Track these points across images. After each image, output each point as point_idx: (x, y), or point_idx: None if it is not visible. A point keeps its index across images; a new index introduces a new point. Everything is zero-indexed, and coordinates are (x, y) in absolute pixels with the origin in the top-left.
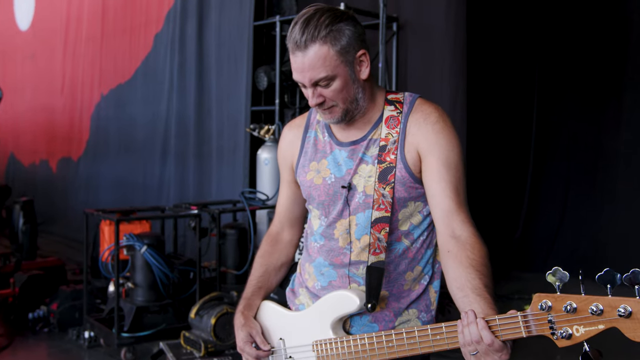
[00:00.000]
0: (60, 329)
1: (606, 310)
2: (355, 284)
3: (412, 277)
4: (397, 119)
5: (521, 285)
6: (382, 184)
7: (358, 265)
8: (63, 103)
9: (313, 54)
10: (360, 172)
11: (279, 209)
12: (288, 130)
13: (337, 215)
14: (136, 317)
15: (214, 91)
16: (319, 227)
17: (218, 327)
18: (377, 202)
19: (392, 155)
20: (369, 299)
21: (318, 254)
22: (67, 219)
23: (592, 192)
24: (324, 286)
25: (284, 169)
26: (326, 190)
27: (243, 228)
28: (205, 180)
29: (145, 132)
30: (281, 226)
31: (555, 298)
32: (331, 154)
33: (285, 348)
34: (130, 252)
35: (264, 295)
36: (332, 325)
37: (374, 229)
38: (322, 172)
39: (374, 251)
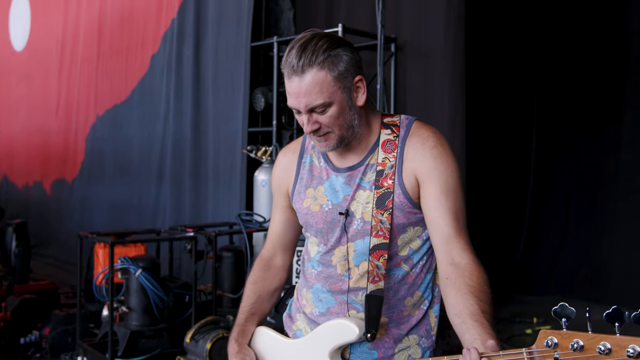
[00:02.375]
0: (53, 354)
1: (614, 349)
2: (354, 310)
3: (411, 302)
4: (394, 143)
5: (522, 308)
6: (380, 210)
7: (357, 292)
8: (58, 124)
9: (310, 79)
10: (358, 198)
11: (272, 234)
12: (282, 156)
13: (335, 242)
14: (130, 342)
15: (210, 112)
16: (317, 254)
17: (214, 352)
18: (375, 229)
19: (390, 181)
20: (369, 329)
21: (316, 280)
22: (61, 241)
23: (592, 213)
24: (322, 312)
25: (279, 195)
26: (323, 217)
27: (240, 251)
28: (202, 202)
29: (140, 153)
30: (274, 251)
31: (562, 335)
32: (327, 180)
33: None
34: (125, 275)
35: (258, 322)
36: (330, 354)
37: (373, 256)
38: (319, 199)
39: (373, 279)
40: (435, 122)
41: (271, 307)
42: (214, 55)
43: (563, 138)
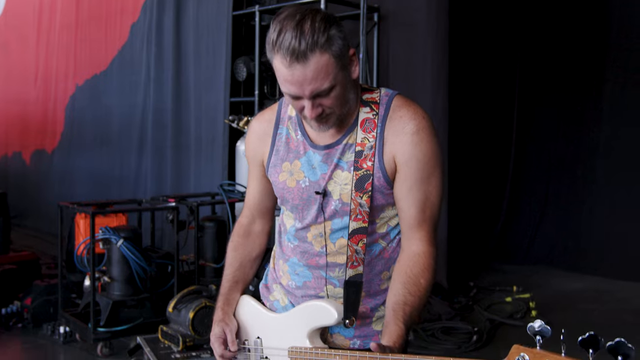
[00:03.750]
0: (35, 324)
1: None
2: (331, 285)
3: (387, 276)
4: (373, 122)
5: (502, 277)
6: (359, 193)
7: (334, 268)
8: (36, 94)
9: (315, 65)
10: (336, 178)
11: (249, 202)
12: (257, 125)
13: (312, 220)
14: (113, 312)
15: (191, 82)
16: (292, 228)
17: (196, 321)
18: (355, 212)
19: (369, 162)
20: (347, 314)
21: (292, 253)
22: (41, 212)
23: (572, 185)
24: (298, 286)
25: (254, 165)
26: (300, 194)
27: (222, 221)
28: (183, 173)
29: (121, 124)
30: (252, 217)
31: (534, 353)
32: (305, 155)
33: (262, 348)
34: (106, 245)
35: (242, 289)
36: (309, 334)
37: (352, 241)
38: (296, 174)
39: (352, 264)
40: (417, 93)
41: (254, 273)
42: (195, 25)
43: (544, 111)
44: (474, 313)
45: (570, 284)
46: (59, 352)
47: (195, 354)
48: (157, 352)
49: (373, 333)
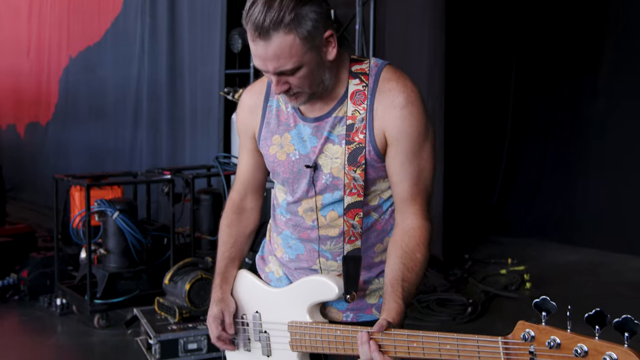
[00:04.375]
0: (31, 296)
1: (591, 353)
2: (323, 258)
3: (381, 248)
4: (363, 94)
5: (497, 249)
6: (353, 167)
7: (325, 241)
8: (29, 66)
9: (277, 44)
10: (327, 151)
11: (241, 177)
12: (247, 98)
13: (303, 194)
14: (109, 284)
15: (186, 54)
16: (283, 201)
17: (192, 293)
18: (349, 187)
19: (361, 135)
20: (348, 290)
21: (285, 226)
22: (37, 185)
23: (568, 158)
24: (292, 258)
25: (245, 138)
26: (290, 167)
27: (217, 193)
28: (179, 145)
29: (116, 96)
30: (244, 193)
31: (540, 330)
32: (295, 127)
33: (261, 322)
34: (102, 218)
35: (238, 265)
36: (308, 309)
37: (348, 216)
38: (286, 147)
39: (349, 239)
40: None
41: (249, 248)
42: None
43: (541, 84)
44: (469, 285)
45: (565, 256)
46: (56, 323)
47: (192, 325)
48: (154, 324)
49: (366, 306)
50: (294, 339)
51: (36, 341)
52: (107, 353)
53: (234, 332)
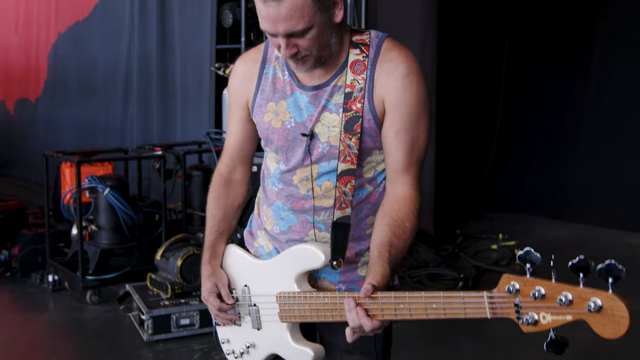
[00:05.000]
0: (23, 273)
1: (576, 301)
2: (317, 229)
3: (373, 220)
4: (363, 64)
5: (488, 224)
6: (348, 134)
7: (320, 212)
8: (18, 41)
9: (289, 3)
10: (323, 120)
11: (230, 148)
12: (242, 65)
13: (298, 163)
14: (101, 260)
15: (176, 29)
16: (276, 171)
17: (184, 269)
18: (343, 154)
19: (359, 104)
20: (334, 256)
21: (277, 197)
22: (27, 162)
23: (560, 134)
24: (283, 230)
25: (237, 106)
26: (285, 135)
27: (209, 169)
28: (170, 121)
29: (106, 72)
30: (233, 165)
31: (524, 282)
32: (292, 95)
33: (250, 295)
34: (93, 194)
35: (227, 239)
36: (296, 278)
37: (340, 182)
38: (281, 114)
39: (340, 205)
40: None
41: (237, 222)
42: None
43: (534, 61)
44: (460, 260)
45: (555, 231)
46: (48, 300)
47: (184, 301)
48: (146, 300)
49: (358, 278)
50: (283, 310)
51: (28, 318)
52: (100, 329)
53: (232, 301)
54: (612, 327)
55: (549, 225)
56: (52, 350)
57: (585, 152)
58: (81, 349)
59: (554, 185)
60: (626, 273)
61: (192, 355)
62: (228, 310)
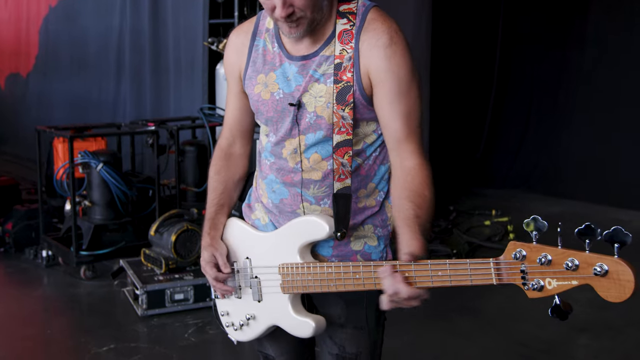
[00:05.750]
0: (17, 248)
1: (582, 266)
2: (307, 203)
3: (364, 194)
4: (350, 33)
5: (482, 201)
6: (341, 105)
7: (308, 185)
8: (8, 15)
9: None
10: (311, 90)
11: (229, 121)
12: (235, 37)
13: (286, 134)
14: (95, 236)
15: (169, 3)
16: (267, 144)
17: (178, 244)
18: (338, 125)
19: (349, 74)
20: (338, 227)
21: (269, 171)
22: (19, 137)
23: (554, 110)
24: (275, 203)
25: (232, 79)
26: (274, 106)
27: (202, 145)
28: (163, 97)
29: (98, 46)
30: (232, 139)
31: (531, 248)
32: (280, 67)
33: (252, 267)
34: (86, 170)
35: (227, 213)
36: (299, 249)
37: (337, 154)
38: (270, 86)
39: (339, 177)
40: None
41: (238, 195)
42: None
43: (528, 33)
44: (453, 236)
45: (548, 207)
46: (42, 275)
47: (178, 276)
48: (140, 275)
49: (351, 252)
50: (285, 281)
51: (22, 293)
52: (94, 304)
53: (229, 271)
54: (617, 290)
55: (542, 201)
56: (46, 325)
57: (578, 128)
58: (76, 324)
59: (547, 161)
60: (632, 239)
61: (186, 330)
62: (224, 280)
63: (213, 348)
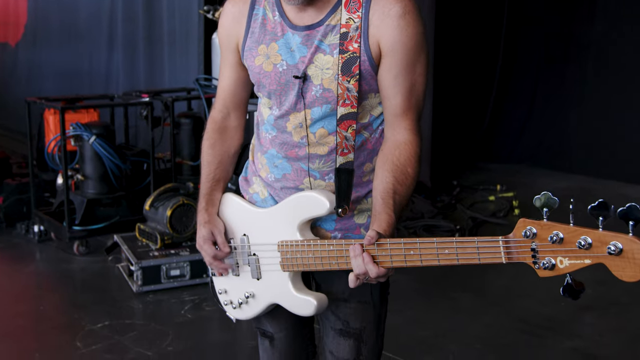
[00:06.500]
0: (8, 223)
1: (595, 245)
2: (311, 177)
3: (370, 168)
4: (357, 2)
5: (486, 175)
6: (346, 77)
7: (314, 160)
8: None
9: None
10: (317, 62)
11: (223, 93)
12: (231, 6)
13: (290, 107)
14: (88, 210)
15: None
16: (269, 117)
17: (174, 219)
18: (342, 97)
19: (355, 44)
20: (340, 203)
21: (270, 145)
22: (9, 109)
23: (562, 84)
24: (277, 178)
25: (227, 50)
26: (277, 78)
27: (198, 117)
28: (157, 67)
29: (89, 15)
30: (226, 111)
31: (542, 226)
32: (283, 37)
33: (250, 244)
34: (78, 142)
35: (223, 188)
36: (299, 226)
37: (341, 127)
38: (272, 57)
39: (342, 151)
40: None
41: (233, 170)
42: None
43: (535, 7)
44: (457, 212)
45: (555, 182)
46: (34, 250)
47: (174, 251)
48: (135, 250)
49: (354, 226)
50: (285, 259)
51: (14, 269)
52: (88, 280)
53: (228, 249)
54: (632, 269)
55: (548, 176)
56: (39, 302)
57: (586, 102)
58: (69, 301)
59: (554, 135)
60: None
61: (182, 307)
62: (223, 258)
63: (210, 325)
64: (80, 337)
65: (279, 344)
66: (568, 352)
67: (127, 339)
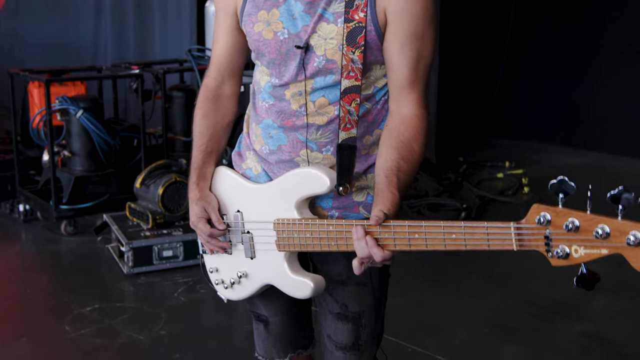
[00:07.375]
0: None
1: (613, 234)
2: (308, 149)
3: (370, 140)
4: None
5: (495, 152)
6: (351, 47)
7: (312, 130)
8: None
9: None
10: (320, 31)
11: (217, 60)
12: None
13: (291, 77)
14: (75, 188)
15: None
16: (267, 85)
17: (166, 197)
18: (347, 69)
19: (362, 13)
20: (340, 181)
21: (267, 114)
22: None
23: (575, 56)
24: (272, 150)
25: (224, 14)
26: (277, 47)
27: (191, 90)
28: (148, 37)
29: None
30: (221, 78)
31: (557, 212)
32: (285, 3)
33: (243, 222)
34: (65, 117)
35: (216, 160)
36: (297, 204)
37: (344, 101)
38: (273, 24)
39: (345, 126)
40: None
41: (227, 142)
42: None
43: None
44: (463, 189)
45: (567, 159)
46: (19, 231)
47: (166, 231)
48: (125, 230)
49: (353, 204)
50: (281, 238)
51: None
52: (76, 261)
53: (224, 227)
54: None
55: (561, 152)
56: (26, 284)
57: (600, 75)
58: (57, 283)
59: (566, 110)
60: None
61: (176, 289)
62: (219, 236)
63: (204, 308)
64: (68, 321)
65: (274, 329)
66: (578, 336)
67: (117, 323)
